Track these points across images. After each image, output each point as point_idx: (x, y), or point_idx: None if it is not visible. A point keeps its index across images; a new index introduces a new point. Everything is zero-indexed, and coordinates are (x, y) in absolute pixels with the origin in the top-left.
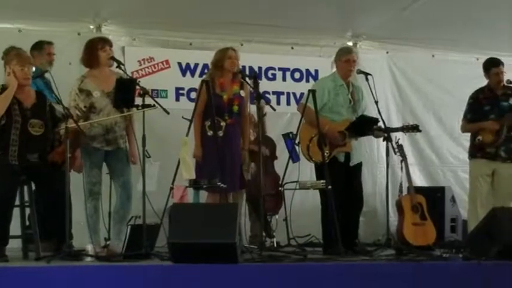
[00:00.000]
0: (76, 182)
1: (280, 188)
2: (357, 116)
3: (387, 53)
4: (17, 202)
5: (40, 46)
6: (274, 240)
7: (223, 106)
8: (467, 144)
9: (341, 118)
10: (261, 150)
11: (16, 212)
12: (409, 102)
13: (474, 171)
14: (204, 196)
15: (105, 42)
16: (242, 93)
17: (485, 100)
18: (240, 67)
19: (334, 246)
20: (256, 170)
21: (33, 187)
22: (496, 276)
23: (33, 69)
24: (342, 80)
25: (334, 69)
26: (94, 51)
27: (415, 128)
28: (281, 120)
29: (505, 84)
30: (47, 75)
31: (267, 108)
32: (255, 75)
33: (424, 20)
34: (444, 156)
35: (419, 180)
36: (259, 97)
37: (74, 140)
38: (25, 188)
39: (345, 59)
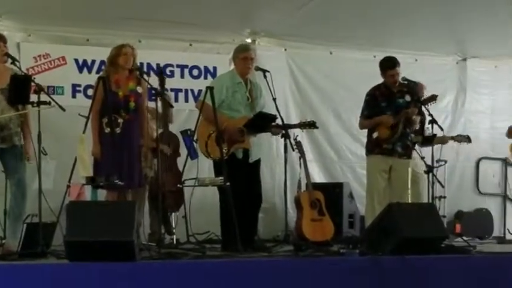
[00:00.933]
0: None
1: (178, 185)
2: (255, 113)
3: (285, 50)
4: None
5: None
6: (174, 237)
7: (119, 103)
8: (365, 140)
9: (239, 115)
10: (159, 147)
11: None
12: (308, 99)
13: (371, 167)
14: (102, 194)
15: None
16: (139, 89)
17: (381, 97)
18: (138, 64)
19: (233, 243)
20: (158, 167)
21: None
22: (392, 270)
23: None
24: (240, 77)
25: (233, 67)
26: None
27: (312, 125)
28: (179, 117)
29: (401, 81)
30: None
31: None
32: (161, 71)
33: (321, 18)
34: (342, 152)
35: (318, 177)
36: (163, 93)
37: None
38: None
39: (243, 57)
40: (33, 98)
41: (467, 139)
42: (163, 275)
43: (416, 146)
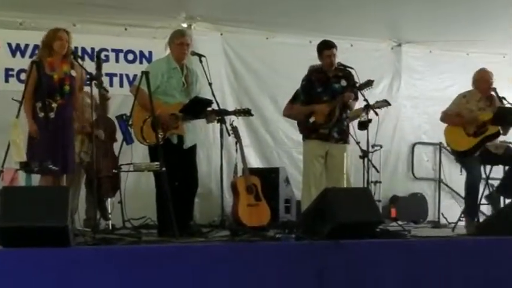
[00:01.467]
0: None
1: (114, 170)
2: (190, 98)
3: (221, 35)
4: None
5: None
6: (109, 222)
7: (54, 86)
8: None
9: (174, 101)
10: (94, 133)
11: None
12: (245, 84)
13: (308, 152)
14: (36, 179)
15: None
16: (73, 72)
17: (317, 82)
18: (73, 48)
19: (169, 228)
20: (92, 152)
21: None
22: (327, 255)
23: None
24: (176, 63)
25: (168, 52)
26: None
27: (247, 112)
28: (114, 102)
29: (337, 66)
30: None
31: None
32: (98, 55)
33: (257, 3)
34: (279, 137)
35: (255, 162)
36: (99, 78)
37: None
38: None
39: (179, 42)
40: None
41: (386, 102)
42: (98, 260)
43: (352, 131)
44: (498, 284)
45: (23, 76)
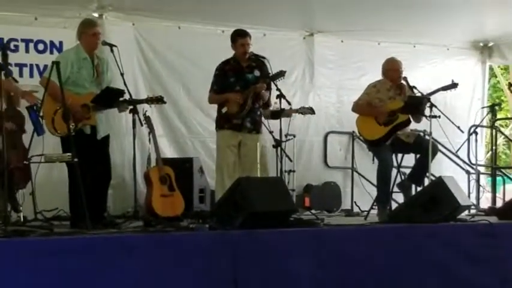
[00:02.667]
0: None
1: (25, 162)
2: (101, 88)
3: (133, 24)
4: None
5: None
6: (21, 214)
7: None
8: (216, 115)
9: (85, 91)
10: (3, 125)
11: None
12: (158, 74)
13: (221, 142)
14: None
15: None
16: None
17: (230, 72)
18: None
19: (82, 220)
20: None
21: None
22: (241, 244)
23: None
24: (86, 53)
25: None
26: None
27: (159, 100)
28: None
29: (250, 56)
30: None
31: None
32: (4, 47)
33: None
34: (193, 127)
35: (169, 152)
36: (5, 68)
37: None
38: None
39: (91, 33)
40: None
41: (311, 110)
42: (9, 252)
43: (265, 121)
44: (409, 270)
45: None
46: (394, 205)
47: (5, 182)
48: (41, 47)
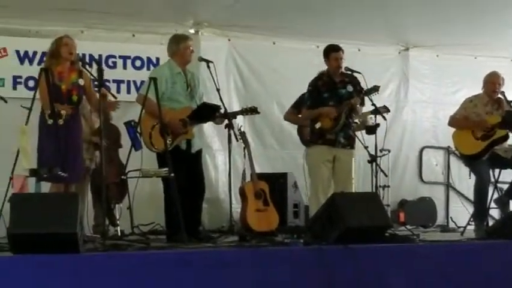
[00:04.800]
0: None
1: (122, 177)
2: (195, 102)
3: (229, 40)
4: None
5: None
6: (118, 228)
7: (62, 96)
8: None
9: (180, 106)
10: (102, 140)
11: None
12: (252, 90)
13: (315, 157)
14: (45, 186)
15: None
16: (81, 81)
17: (324, 87)
18: (80, 55)
19: (178, 234)
20: (100, 159)
21: None
22: (336, 260)
23: None
24: (179, 67)
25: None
26: None
27: (253, 110)
28: (122, 108)
29: (344, 71)
30: None
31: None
32: (98, 63)
33: (263, 8)
34: (286, 142)
35: (263, 167)
36: (101, 85)
37: None
38: None
39: (184, 47)
40: None
41: (386, 108)
42: (108, 266)
43: (360, 136)
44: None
45: (31, 83)
46: (491, 221)
47: (104, 196)
48: (138, 63)
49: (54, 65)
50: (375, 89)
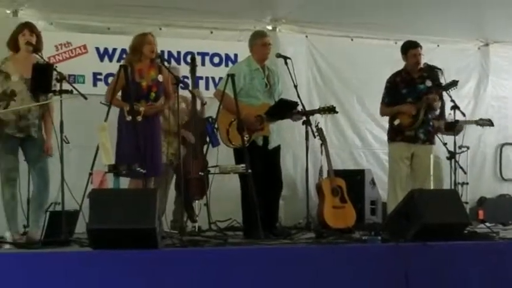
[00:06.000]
0: None
1: (200, 173)
2: (273, 99)
3: (306, 36)
4: None
5: None
6: (196, 225)
7: (142, 93)
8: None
9: (258, 102)
10: (180, 135)
11: None
12: (331, 86)
13: (394, 154)
14: (124, 182)
15: (24, 25)
16: (160, 78)
17: (402, 83)
18: (159, 52)
19: (255, 230)
20: (184, 155)
21: None
22: (414, 257)
23: None
24: (258, 64)
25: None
26: (15, 35)
27: (331, 110)
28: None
29: (422, 66)
30: None
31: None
32: (193, 59)
33: (342, 4)
34: (366, 138)
35: (341, 163)
36: (193, 83)
37: None
38: None
39: (261, 43)
40: (55, 86)
41: (490, 122)
42: (186, 262)
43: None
44: None
45: (110, 80)
46: None
47: (182, 192)
48: (216, 60)
49: (135, 61)
50: (454, 83)
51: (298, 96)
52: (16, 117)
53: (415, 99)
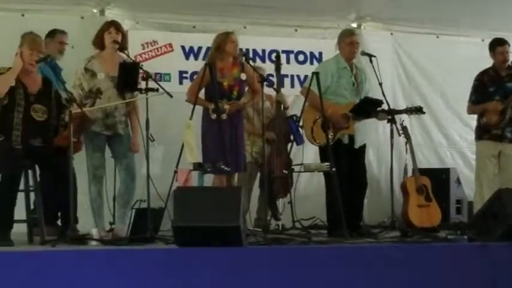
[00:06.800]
0: (81, 166)
1: (284, 171)
2: (360, 98)
3: (391, 34)
4: (22, 187)
5: (53, 34)
6: (280, 223)
7: (224, 92)
8: (474, 124)
9: (345, 101)
10: (264, 135)
11: (21, 196)
12: (416, 84)
13: (480, 152)
14: (208, 179)
15: (110, 24)
16: (243, 76)
17: (489, 82)
18: (243, 50)
19: (339, 229)
20: (268, 153)
21: (38, 171)
22: (500, 256)
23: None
24: (345, 62)
25: (338, 52)
26: (100, 33)
27: (418, 110)
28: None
29: (510, 64)
30: (53, 61)
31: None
32: (278, 57)
33: (427, 1)
34: (452, 137)
35: (426, 162)
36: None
37: (79, 125)
38: (29, 172)
39: (349, 41)
40: (141, 85)
41: None
42: (270, 260)
43: None
44: None
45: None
46: None
47: (266, 190)
48: (301, 58)
49: (218, 59)
50: None
51: (383, 94)
52: (103, 115)
53: (502, 97)
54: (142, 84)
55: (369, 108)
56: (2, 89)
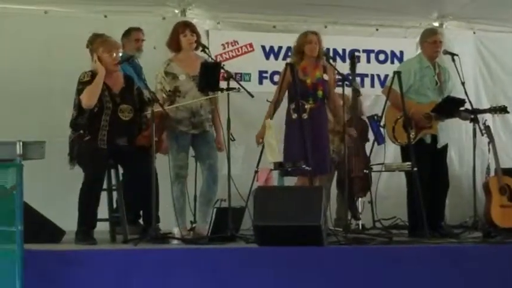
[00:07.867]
0: (163, 165)
1: (365, 171)
2: (443, 97)
3: (474, 33)
4: (105, 186)
5: (128, 33)
6: (360, 222)
7: (308, 90)
8: None
9: (427, 100)
10: (345, 133)
11: (103, 195)
12: (500, 83)
13: None
14: (288, 179)
15: (185, 26)
16: (325, 77)
17: None
18: (324, 49)
19: (420, 229)
20: (344, 153)
21: (121, 170)
22: None
23: (120, 54)
24: (428, 61)
25: (419, 51)
26: (175, 36)
27: (503, 110)
28: (366, 102)
29: None
30: (134, 60)
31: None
32: (353, 56)
33: None
34: None
35: (510, 161)
36: (353, 79)
37: (160, 124)
38: (112, 171)
39: (432, 40)
40: (222, 84)
41: None
42: (351, 260)
43: None
44: None
45: (276, 78)
46: None
47: (346, 190)
48: (381, 57)
49: (298, 62)
50: None
51: (466, 94)
52: (189, 114)
53: None
54: (223, 84)
55: (451, 107)
56: (92, 101)
